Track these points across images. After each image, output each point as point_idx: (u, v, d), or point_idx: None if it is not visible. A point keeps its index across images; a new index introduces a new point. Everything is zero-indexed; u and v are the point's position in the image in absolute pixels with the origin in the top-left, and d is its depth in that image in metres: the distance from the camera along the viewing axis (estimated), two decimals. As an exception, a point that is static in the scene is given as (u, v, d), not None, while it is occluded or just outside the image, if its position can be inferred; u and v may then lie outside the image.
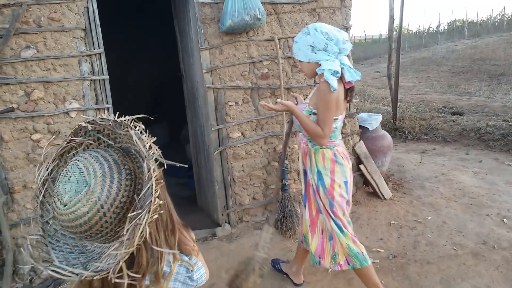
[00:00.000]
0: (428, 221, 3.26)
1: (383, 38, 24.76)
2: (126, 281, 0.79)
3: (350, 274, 2.60)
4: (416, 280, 2.53)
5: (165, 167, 0.86)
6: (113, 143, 0.94)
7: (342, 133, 3.56)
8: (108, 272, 0.77)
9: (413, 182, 4.05)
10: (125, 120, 0.88)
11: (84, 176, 0.81)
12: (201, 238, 3.14)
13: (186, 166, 1.01)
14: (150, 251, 0.86)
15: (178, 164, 0.90)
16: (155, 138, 0.86)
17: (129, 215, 0.79)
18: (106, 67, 2.83)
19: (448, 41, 19.50)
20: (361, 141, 3.74)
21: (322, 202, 2.13)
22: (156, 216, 0.80)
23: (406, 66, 13.27)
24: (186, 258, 1.00)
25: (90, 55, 2.74)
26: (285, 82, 3.32)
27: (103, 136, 0.95)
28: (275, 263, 2.69)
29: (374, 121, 3.92)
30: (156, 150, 0.84)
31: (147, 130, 0.87)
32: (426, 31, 24.42)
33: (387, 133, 4.06)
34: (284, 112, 3.23)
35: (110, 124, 0.91)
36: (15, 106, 2.53)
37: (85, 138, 0.96)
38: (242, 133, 3.24)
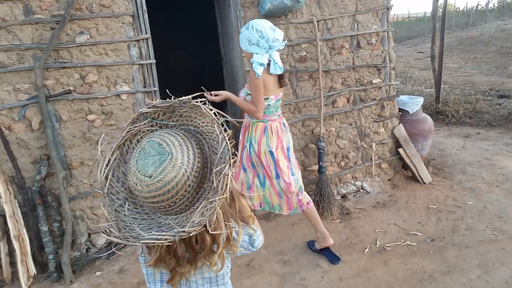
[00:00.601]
0: (468, 206, 3.21)
1: (428, 16, 23.48)
2: (223, 231, 0.89)
3: (386, 255, 2.66)
4: (453, 263, 2.53)
5: None
6: (172, 123, 1.00)
7: (381, 116, 3.56)
8: (205, 226, 0.83)
9: (455, 167, 3.96)
10: (187, 99, 0.95)
11: (164, 148, 0.87)
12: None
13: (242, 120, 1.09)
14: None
15: (244, 120, 1.01)
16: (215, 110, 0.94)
17: (214, 170, 0.87)
18: (153, 51, 2.98)
19: (498, 19, 18.19)
20: (401, 124, 3.70)
21: (256, 164, 2.58)
22: (233, 171, 0.87)
23: (452, 47, 12.60)
24: (251, 228, 1.08)
25: (138, 40, 2.89)
26: (323, 65, 3.33)
27: (162, 119, 1.01)
28: (310, 246, 2.80)
29: (414, 104, 3.85)
30: (223, 115, 0.92)
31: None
32: (474, 8, 22.88)
33: (428, 116, 3.97)
34: (322, 95, 3.26)
35: (168, 107, 0.98)
36: (71, 88, 2.75)
37: (141, 125, 1.00)
38: (280, 115, 3.31)
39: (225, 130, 0.90)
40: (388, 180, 3.72)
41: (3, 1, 2.54)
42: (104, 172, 0.98)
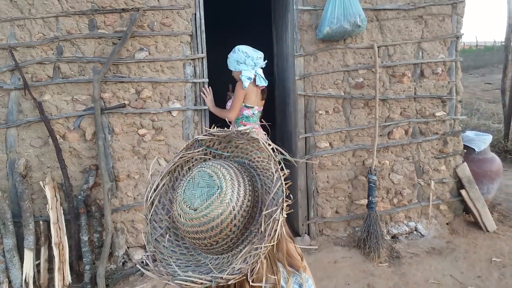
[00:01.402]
0: (542, 264, 2.79)
1: (498, 46, 22.00)
2: (264, 284, 0.79)
3: None
4: (521, 332, 2.18)
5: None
6: (227, 154, 0.95)
7: (442, 152, 3.30)
8: (245, 274, 0.75)
9: (525, 216, 3.50)
10: (246, 130, 0.90)
11: (214, 180, 0.82)
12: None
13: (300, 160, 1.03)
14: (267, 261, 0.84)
15: (300, 160, 0.95)
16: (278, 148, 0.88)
17: (264, 212, 0.80)
18: (207, 70, 2.99)
19: None
20: (465, 163, 3.36)
21: None
22: (285, 215, 0.79)
23: (526, 79, 11.57)
24: (301, 276, 0.96)
25: (194, 59, 2.92)
26: (381, 93, 3.14)
27: (217, 148, 0.96)
28: None
29: (482, 141, 3.49)
30: (282, 153, 0.85)
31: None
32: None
33: (496, 156, 3.58)
34: (377, 125, 3.06)
35: (224, 136, 0.93)
36: (126, 102, 2.81)
37: (195, 152, 0.96)
38: (330, 143, 3.15)
39: (282, 169, 0.83)
40: (447, 224, 3.37)
41: (70, 15, 2.69)
42: (150, 198, 0.94)
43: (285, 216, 0.80)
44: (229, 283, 0.77)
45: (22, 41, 2.64)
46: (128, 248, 2.90)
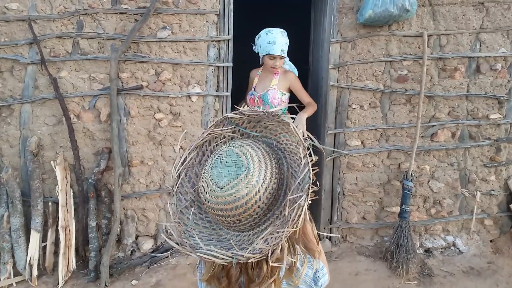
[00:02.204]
0: None
1: None
2: (284, 265, 0.81)
3: None
4: None
5: None
6: (255, 134, 0.96)
7: (494, 160, 2.92)
8: (265, 254, 0.77)
9: None
10: (277, 112, 0.89)
11: (242, 161, 0.83)
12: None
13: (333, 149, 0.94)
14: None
15: (332, 149, 0.95)
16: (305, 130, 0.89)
17: (289, 197, 0.80)
18: (232, 54, 2.76)
19: None
20: (519, 174, 2.92)
21: None
22: (310, 202, 0.79)
23: None
24: (316, 262, 0.95)
25: (219, 40, 2.69)
26: (427, 88, 2.76)
27: (246, 127, 0.97)
28: None
29: (542, 151, 3.02)
30: (312, 139, 0.88)
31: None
32: None
33: (559, 169, 3.09)
34: (419, 124, 2.70)
35: (254, 116, 0.93)
36: (144, 84, 2.64)
37: (224, 129, 0.98)
38: (362, 142, 2.83)
39: (310, 155, 0.83)
40: (490, 241, 2.97)
41: (94, -12, 2.53)
42: (178, 170, 0.96)
43: (310, 202, 0.80)
44: (249, 261, 0.78)
45: (43, 14, 2.52)
46: (137, 237, 2.78)
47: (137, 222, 2.77)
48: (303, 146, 0.84)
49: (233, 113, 0.95)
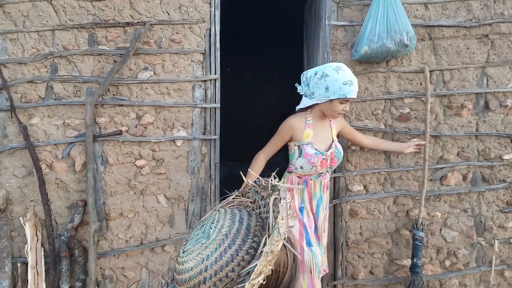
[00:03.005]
0: None
1: None
2: None
3: None
4: None
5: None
6: (263, 210, 0.84)
7: (511, 205, 2.60)
8: None
9: None
10: (272, 182, 0.80)
11: (210, 228, 0.74)
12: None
13: (293, 226, 0.75)
14: None
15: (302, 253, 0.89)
16: (295, 216, 0.74)
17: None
18: (219, 94, 2.56)
19: None
20: (541, 219, 2.63)
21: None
22: None
23: None
24: None
25: (205, 80, 2.51)
26: (433, 128, 2.54)
27: (262, 199, 0.86)
28: None
29: None
30: (288, 227, 0.71)
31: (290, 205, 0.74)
32: None
33: None
34: (427, 167, 2.46)
35: (264, 186, 0.84)
36: (125, 129, 2.44)
37: (248, 199, 0.90)
38: (364, 186, 2.58)
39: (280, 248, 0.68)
40: (514, 296, 2.64)
41: (68, 29, 2.38)
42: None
43: None
44: None
45: (14, 57, 2.35)
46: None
47: (116, 283, 2.47)
48: (268, 236, 0.69)
49: (253, 182, 0.88)
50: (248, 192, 0.90)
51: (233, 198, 0.89)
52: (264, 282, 0.67)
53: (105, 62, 2.42)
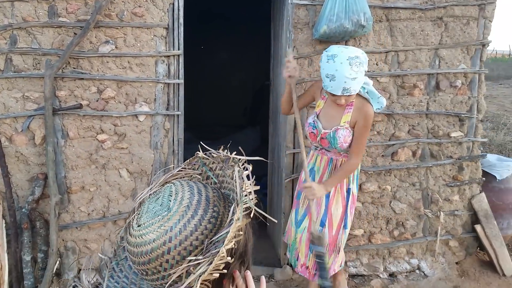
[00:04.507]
0: None
1: (533, 55, 20.76)
2: None
3: None
4: None
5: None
6: (217, 182, 0.88)
7: (457, 179, 2.85)
8: None
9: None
10: (232, 156, 0.82)
11: (170, 201, 0.73)
12: (256, 276, 2.72)
13: (258, 187, 0.80)
14: None
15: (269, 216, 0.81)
16: (258, 187, 0.77)
17: (188, 257, 0.68)
18: (183, 70, 2.59)
19: None
20: (483, 193, 2.85)
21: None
22: (217, 275, 0.67)
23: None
24: None
25: (168, 56, 2.53)
26: (386, 106, 2.66)
27: (211, 171, 0.90)
28: None
29: (505, 168, 2.97)
30: (254, 198, 0.74)
31: (253, 174, 0.78)
32: None
33: (522, 186, 3.05)
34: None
35: (220, 160, 0.86)
36: (85, 102, 2.44)
37: (195, 170, 0.91)
38: (322, 162, 2.70)
39: (249, 215, 0.72)
40: (456, 263, 2.88)
41: (28, 0, 2.33)
42: (140, 198, 0.85)
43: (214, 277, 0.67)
44: None
45: (-29, 28, 2.30)
46: (79, 270, 2.54)
47: (78, 255, 2.53)
48: (237, 204, 0.72)
49: (203, 153, 0.89)
50: (195, 165, 0.92)
51: (178, 170, 0.90)
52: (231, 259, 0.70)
53: (65, 34, 2.40)
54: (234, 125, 6.35)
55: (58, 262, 2.40)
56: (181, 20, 2.54)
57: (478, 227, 2.82)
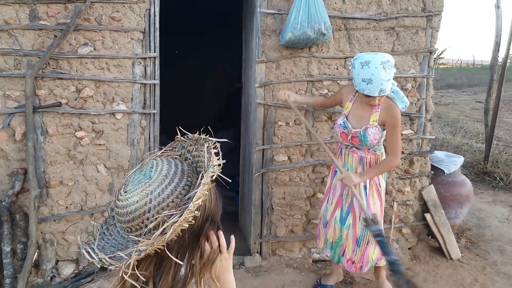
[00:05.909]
0: (502, 299, 2.60)
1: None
2: (132, 281, 0.80)
3: None
4: None
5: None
6: (193, 162, 1.02)
7: (408, 172, 3.12)
8: (122, 264, 0.79)
9: (492, 243, 3.32)
10: (203, 136, 0.99)
11: (151, 172, 0.87)
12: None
13: (230, 181, 0.96)
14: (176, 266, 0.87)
15: (229, 180, 0.94)
16: (223, 161, 0.92)
17: (163, 213, 0.81)
18: (159, 71, 2.77)
19: None
20: (432, 185, 3.17)
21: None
22: (186, 225, 0.81)
23: (514, 100, 11.53)
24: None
25: (145, 58, 2.70)
26: (347, 107, 2.93)
27: (188, 152, 1.04)
28: None
29: (452, 163, 3.31)
30: (217, 168, 0.88)
31: (220, 153, 0.93)
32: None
33: (467, 180, 3.40)
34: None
35: (193, 140, 1.02)
36: (64, 101, 2.57)
37: (174, 152, 1.06)
38: (288, 157, 2.94)
39: (213, 181, 0.89)
40: (409, 249, 3.17)
41: (10, 4, 2.45)
42: (130, 173, 0.97)
43: (185, 226, 0.82)
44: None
45: (-48, 28, 2.39)
46: (57, 261, 2.65)
47: (56, 246, 2.65)
48: (205, 171, 0.87)
49: (182, 136, 1.04)
50: (175, 148, 1.07)
51: (161, 153, 1.05)
52: (199, 214, 0.84)
53: (46, 37, 2.53)
54: (209, 128, 6.52)
55: (36, 253, 2.51)
56: (157, 25, 2.72)
57: (427, 216, 3.13)
